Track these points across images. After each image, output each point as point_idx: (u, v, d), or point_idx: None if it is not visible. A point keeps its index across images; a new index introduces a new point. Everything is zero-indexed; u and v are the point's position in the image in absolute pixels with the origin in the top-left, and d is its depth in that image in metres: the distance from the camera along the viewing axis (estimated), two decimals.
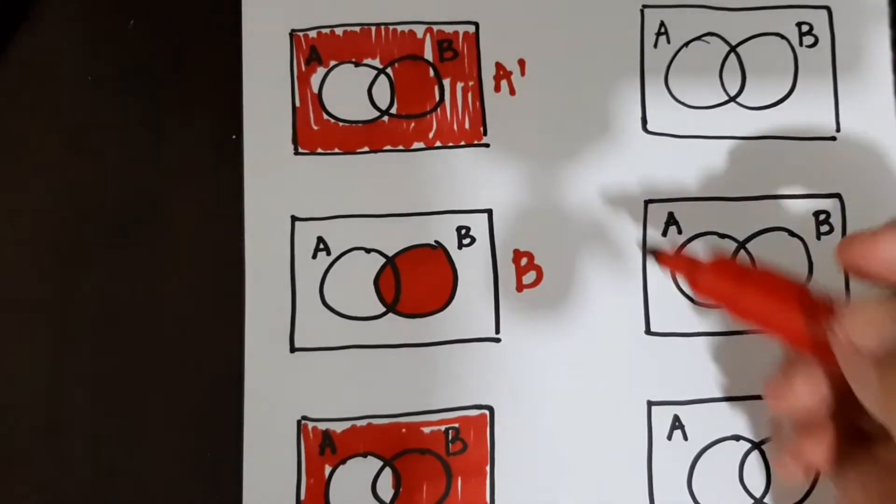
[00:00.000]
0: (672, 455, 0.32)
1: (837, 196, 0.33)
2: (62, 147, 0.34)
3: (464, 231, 0.33)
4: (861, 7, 0.34)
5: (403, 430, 0.32)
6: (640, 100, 0.34)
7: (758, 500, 0.31)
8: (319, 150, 0.33)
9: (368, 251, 0.33)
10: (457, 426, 0.32)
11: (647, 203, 0.33)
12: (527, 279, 0.33)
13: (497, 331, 0.32)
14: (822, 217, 0.33)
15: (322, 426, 0.32)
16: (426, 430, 0.32)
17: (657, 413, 0.32)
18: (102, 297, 0.33)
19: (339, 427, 0.32)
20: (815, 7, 0.34)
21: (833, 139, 0.33)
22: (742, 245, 0.33)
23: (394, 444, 0.32)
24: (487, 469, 0.31)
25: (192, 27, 0.34)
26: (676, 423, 0.32)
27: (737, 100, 0.34)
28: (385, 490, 0.31)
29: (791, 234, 0.33)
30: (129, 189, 0.33)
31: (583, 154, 0.33)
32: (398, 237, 0.33)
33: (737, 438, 0.32)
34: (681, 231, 0.33)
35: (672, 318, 0.32)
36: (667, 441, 0.32)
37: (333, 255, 0.33)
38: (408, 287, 0.33)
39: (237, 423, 0.32)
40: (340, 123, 0.33)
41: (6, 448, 0.32)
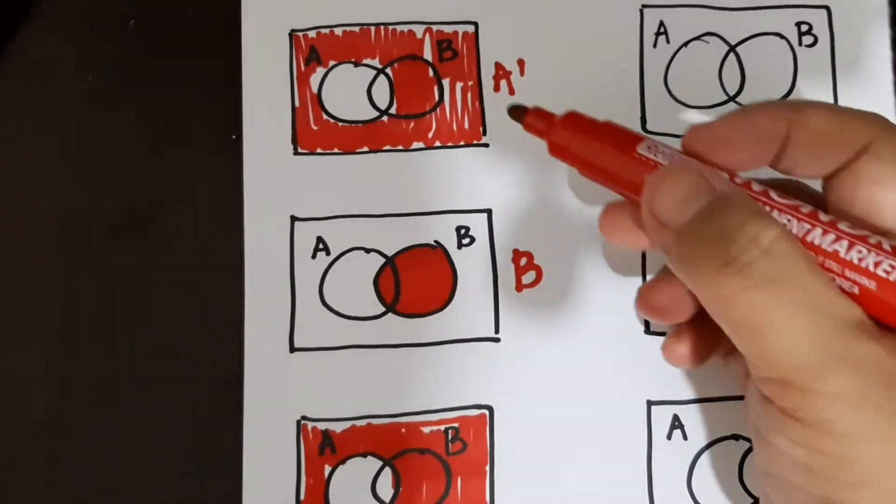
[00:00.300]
0: (672, 454, 0.32)
1: None
2: (62, 147, 0.34)
3: (463, 231, 0.33)
4: (860, 7, 0.34)
5: (403, 430, 0.32)
6: (640, 99, 0.34)
7: (757, 500, 0.31)
8: (319, 150, 0.33)
9: (368, 251, 0.33)
10: (456, 426, 0.32)
11: None
12: (526, 279, 0.33)
13: (496, 330, 0.32)
14: None
15: (322, 426, 0.32)
16: (426, 430, 0.32)
17: (657, 413, 0.32)
18: (102, 297, 0.33)
19: (339, 427, 0.32)
20: (815, 7, 0.34)
21: None
22: None
23: (393, 444, 0.32)
24: (487, 469, 0.31)
25: (192, 27, 0.34)
26: (676, 423, 0.32)
27: (736, 100, 0.34)
28: (385, 490, 0.31)
29: None
30: (129, 189, 0.33)
31: None
32: (398, 237, 0.33)
33: (736, 438, 0.32)
34: None
35: None
36: (666, 440, 0.32)
37: (333, 255, 0.33)
38: (407, 287, 0.33)
39: (237, 423, 0.32)
40: (340, 123, 0.33)
41: (6, 448, 0.32)
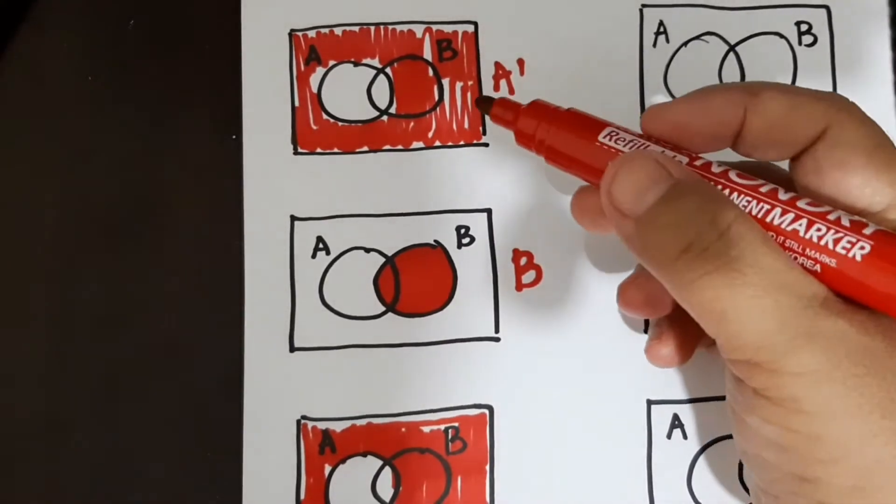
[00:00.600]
0: (672, 454, 0.32)
1: None
2: (62, 147, 0.34)
3: (463, 230, 0.33)
4: (860, 6, 0.34)
5: (403, 430, 0.32)
6: (640, 99, 0.34)
7: None
8: (319, 150, 0.33)
9: (368, 251, 0.33)
10: (456, 425, 0.32)
11: None
12: (526, 278, 0.33)
13: (496, 330, 0.32)
14: None
15: (322, 425, 0.32)
16: (426, 430, 0.32)
17: (656, 412, 0.32)
18: (102, 297, 0.33)
19: (339, 426, 0.32)
20: (814, 6, 0.34)
21: None
22: None
23: (393, 444, 0.32)
24: (487, 468, 0.31)
25: (192, 28, 0.34)
26: (676, 422, 0.32)
27: None
28: (385, 489, 0.31)
29: None
30: (130, 189, 0.33)
31: None
32: (397, 237, 0.33)
33: None
34: None
35: None
36: (666, 440, 0.32)
37: (333, 255, 0.33)
38: (407, 286, 0.33)
39: (237, 423, 0.32)
40: (340, 123, 0.33)
41: (6, 448, 0.32)
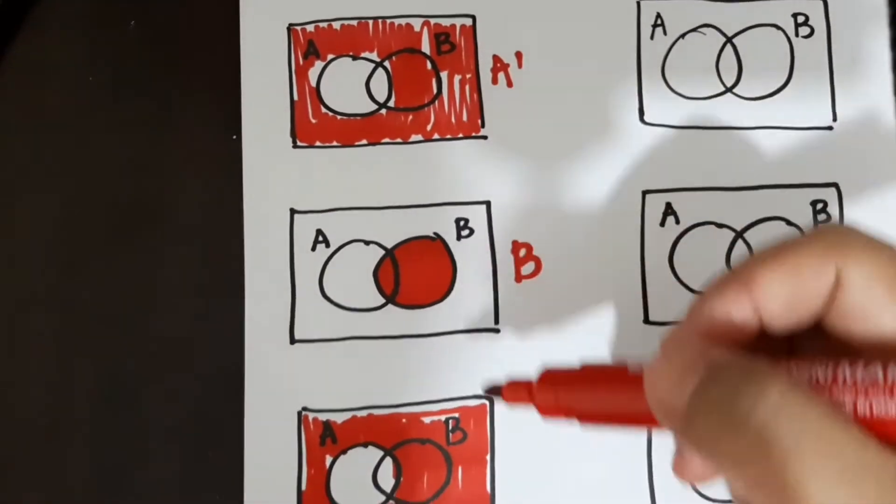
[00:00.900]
0: (671, 443, 0.32)
1: (834, 185, 0.33)
2: (62, 147, 0.34)
3: (462, 223, 0.33)
4: (859, 5, 0.34)
5: (404, 420, 0.32)
6: (638, 91, 0.34)
7: None
8: (318, 144, 0.33)
9: (367, 243, 0.33)
10: (457, 416, 0.32)
11: (645, 193, 0.33)
12: (525, 270, 0.33)
13: (496, 321, 0.32)
14: (820, 206, 0.33)
15: (323, 417, 0.32)
16: (426, 420, 0.32)
17: None
18: (103, 296, 0.33)
19: (340, 417, 0.32)
20: None
21: (830, 129, 0.33)
22: (740, 234, 0.33)
23: (394, 434, 0.32)
24: (488, 458, 0.32)
25: (192, 28, 0.34)
26: None
27: (733, 91, 0.34)
28: (386, 480, 0.32)
29: (788, 224, 0.33)
30: (130, 188, 0.33)
31: (580, 145, 0.33)
32: (397, 229, 0.33)
33: None
34: (679, 221, 0.33)
35: (671, 307, 0.32)
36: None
37: (333, 248, 0.33)
38: (407, 278, 0.33)
39: (238, 416, 0.32)
40: (338, 117, 0.34)
41: (6, 448, 0.32)
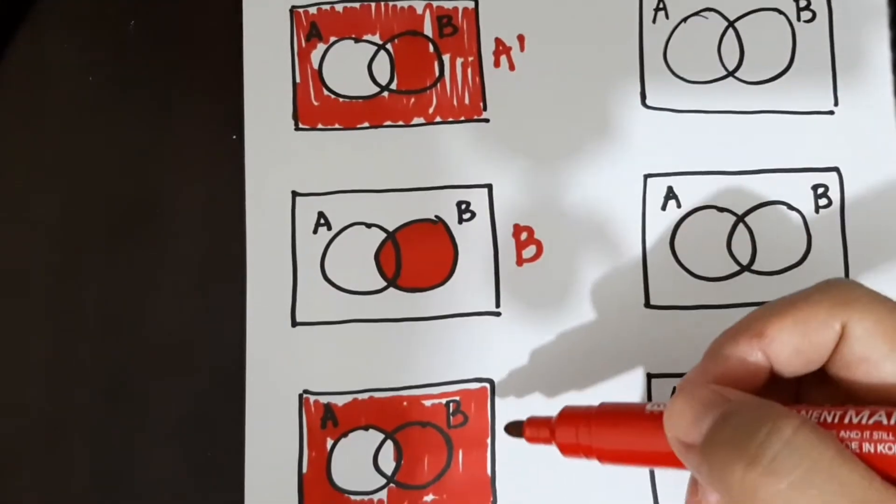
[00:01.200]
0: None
1: (835, 170, 0.33)
2: (62, 146, 0.34)
3: (464, 206, 0.33)
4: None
5: (405, 403, 0.32)
6: (639, 75, 0.34)
7: None
8: (320, 126, 0.33)
9: (369, 226, 0.33)
10: (458, 399, 0.32)
11: (647, 177, 0.33)
12: (527, 253, 0.33)
13: (497, 305, 0.32)
14: (821, 190, 0.33)
15: (324, 399, 0.32)
16: (427, 403, 0.32)
17: (657, 386, 0.32)
18: (103, 296, 0.33)
19: (341, 400, 0.32)
20: None
21: (831, 113, 0.33)
22: (741, 219, 0.33)
23: (395, 417, 0.32)
24: (488, 441, 0.32)
25: (193, 29, 0.34)
26: None
27: (735, 75, 0.34)
28: (387, 462, 0.32)
29: (790, 208, 0.33)
30: (130, 188, 0.33)
31: (582, 128, 0.33)
32: (399, 212, 0.33)
33: None
34: (680, 205, 0.33)
35: (672, 291, 0.32)
36: None
37: (334, 230, 0.33)
38: (408, 261, 0.33)
39: (240, 398, 0.32)
40: (341, 99, 0.34)
41: (6, 448, 0.32)
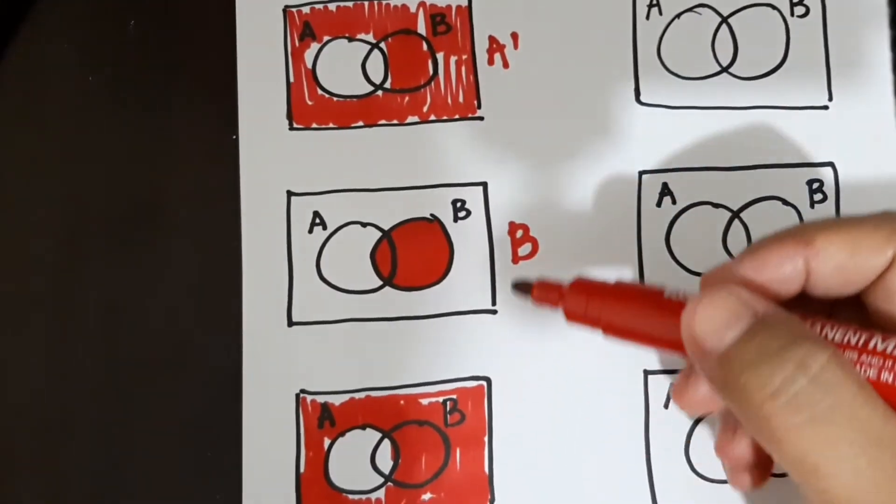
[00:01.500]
0: (669, 423, 0.32)
1: (830, 165, 0.33)
2: (62, 147, 0.34)
3: (459, 204, 0.33)
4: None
5: (402, 402, 0.32)
6: (633, 71, 0.34)
7: None
8: (314, 126, 0.33)
9: (364, 225, 0.33)
10: (455, 397, 0.32)
11: (642, 174, 0.33)
12: (522, 251, 0.33)
13: (493, 302, 0.32)
14: (816, 185, 0.33)
15: (321, 399, 0.32)
16: (424, 402, 0.32)
17: (653, 382, 0.32)
18: (102, 296, 0.33)
19: (338, 400, 0.32)
20: None
21: (825, 108, 0.33)
22: (736, 214, 0.33)
23: (392, 416, 0.32)
24: (485, 439, 0.32)
25: (192, 29, 0.34)
26: None
27: (729, 70, 0.34)
28: (384, 461, 0.32)
29: (785, 203, 0.33)
30: (130, 188, 0.33)
31: (577, 126, 0.33)
32: (394, 211, 0.33)
33: None
34: (675, 201, 0.33)
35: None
36: (663, 409, 0.32)
37: (329, 230, 0.33)
38: (404, 260, 0.33)
39: (236, 399, 0.32)
40: (335, 98, 0.33)
41: (6, 448, 0.32)
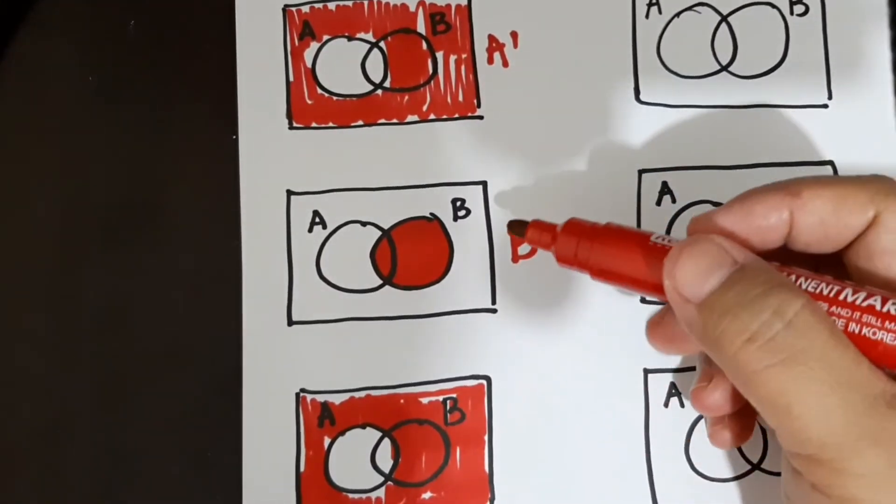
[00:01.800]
0: (669, 422, 0.32)
1: (830, 163, 0.33)
2: (62, 147, 0.34)
3: (459, 203, 0.33)
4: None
5: (402, 401, 0.32)
6: (633, 70, 0.34)
7: (755, 466, 0.32)
8: (314, 125, 0.33)
9: (364, 224, 0.33)
10: (454, 396, 0.32)
11: (641, 173, 0.33)
12: (522, 250, 0.33)
13: (493, 301, 0.32)
14: None
15: (321, 398, 0.32)
16: (424, 401, 0.32)
17: (653, 380, 0.32)
18: (102, 296, 0.33)
19: (338, 399, 0.32)
20: None
21: (825, 107, 0.33)
22: None
23: (392, 415, 0.32)
24: (485, 438, 0.32)
25: (192, 29, 0.34)
26: (673, 391, 0.32)
27: (729, 69, 0.34)
28: (384, 461, 0.32)
29: None
30: (129, 189, 0.33)
31: (576, 125, 0.33)
32: (394, 210, 0.33)
33: None
34: (675, 200, 0.33)
35: None
36: (663, 408, 0.32)
37: (329, 229, 0.33)
38: (404, 259, 0.33)
39: (237, 398, 0.32)
40: (334, 98, 0.33)
41: (6, 448, 0.32)
